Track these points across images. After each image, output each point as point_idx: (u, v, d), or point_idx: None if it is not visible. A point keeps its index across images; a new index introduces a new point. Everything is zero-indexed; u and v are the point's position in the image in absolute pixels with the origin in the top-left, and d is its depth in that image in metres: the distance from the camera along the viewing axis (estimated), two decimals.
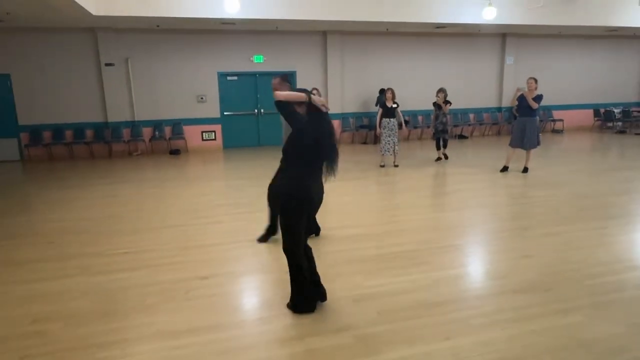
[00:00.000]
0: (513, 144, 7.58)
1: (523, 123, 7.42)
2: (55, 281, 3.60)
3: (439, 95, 8.72)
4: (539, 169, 7.84)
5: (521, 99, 7.35)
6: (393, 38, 12.21)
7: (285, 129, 3.62)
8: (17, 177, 8.65)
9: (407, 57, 12.46)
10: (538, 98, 7.23)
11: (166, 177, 8.01)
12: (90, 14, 8.18)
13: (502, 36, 13.13)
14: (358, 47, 12.04)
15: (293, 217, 2.76)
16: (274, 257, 4.03)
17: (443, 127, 8.85)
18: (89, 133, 10.61)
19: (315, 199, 2.83)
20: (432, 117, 9.10)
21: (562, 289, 3.30)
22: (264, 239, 4.32)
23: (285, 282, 3.38)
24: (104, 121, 10.66)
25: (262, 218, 4.95)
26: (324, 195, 2.99)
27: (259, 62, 11.38)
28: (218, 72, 11.19)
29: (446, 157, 9.05)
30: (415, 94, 12.30)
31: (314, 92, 7.73)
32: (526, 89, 7.34)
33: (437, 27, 11.50)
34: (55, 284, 3.54)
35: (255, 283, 3.54)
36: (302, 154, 2.74)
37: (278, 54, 11.44)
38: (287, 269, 3.01)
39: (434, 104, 8.77)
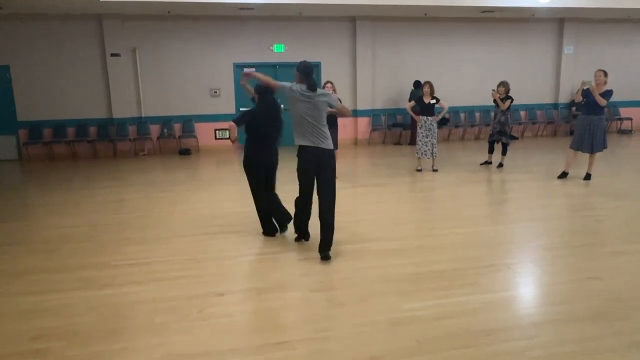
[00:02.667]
0: (574, 146, 7.41)
1: (588, 122, 7.23)
2: (57, 294, 3.70)
3: (499, 89, 8.47)
4: (604, 176, 7.69)
5: (587, 94, 7.15)
6: (432, 24, 12.19)
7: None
8: (14, 178, 8.96)
9: (448, 47, 12.41)
10: (607, 94, 7.00)
11: (176, 180, 8.15)
12: None
13: (560, 21, 12.93)
14: (391, 35, 12.07)
15: (251, 175, 4.80)
16: (299, 272, 4.06)
17: (500, 128, 8.53)
18: (92, 130, 10.93)
19: (265, 161, 4.82)
20: (492, 115, 8.97)
21: (637, 318, 3.18)
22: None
23: (310, 302, 3.47)
24: (108, 117, 10.95)
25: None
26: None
27: (279, 52, 11.50)
28: (234, 64, 11.34)
29: (500, 165, 8.62)
30: (456, 89, 12.24)
31: (328, 85, 7.75)
32: (593, 83, 7.10)
33: (484, 12, 11.40)
34: (57, 298, 3.64)
35: (277, 302, 3.56)
36: (255, 131, 4.67)
37: (301, 43, 11.56)
38: (312, 286, 3.78)
39: (494, 100, 8.48)
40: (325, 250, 4.22)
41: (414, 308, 3.40)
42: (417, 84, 11.40)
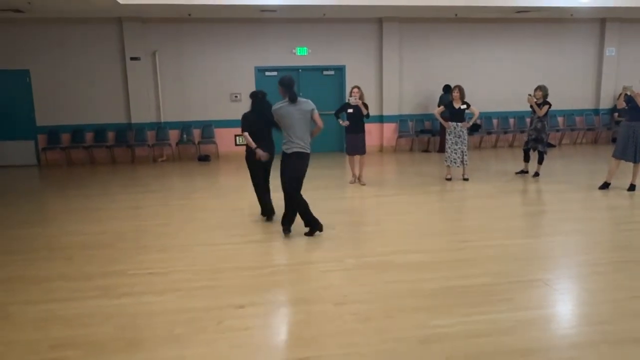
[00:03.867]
0: (617, 155, 7.29)
1: (632, 129, 7.10)
2: (75, 302, 3.79)
3: (536, 93, 8.36)
4: None
5: (629, 99, 7.05)
6: (463, 26, 12.15)
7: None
8: (33, 184, 9.22)
9: (479, 49, 12.35)
10: None
11: (195, 187, 8.28)
12: (116, 1, 8.69)
13: (601, 22, 12.74)
14: (420, 36, 12.08)
15: (250, 169, 5.93)
16: (321, 285, 4.07)
17: (537, 136, 8.40)
18: (110, 135, 11.19)
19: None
20: (528, 121, 8.90)
21: None
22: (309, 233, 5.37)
23: (334, 316, 3.48)
24: (127, 122, 11.21)
25: (304, 237, 5.25)
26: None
27: (302, 55, 11.61)
28: (255, 67, 11.49)
29: (536, 175, 8.51)
30: (488, 94, 12.18)
31: (354, 90, 7.91)
32: (633, 88, 7.05)
33: (518, 12, 11.31)
34: (75, 306, 3.72)
35: (300, 315, 3.59)
36: (251, 133, 5.66)
37: (324, 46, 11.66)
38: (337, 299, 3.84)
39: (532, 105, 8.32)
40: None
41: (444, 325, 3.37)
42: (447, 89, 11.31)
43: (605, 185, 7.46)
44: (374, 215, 6.48)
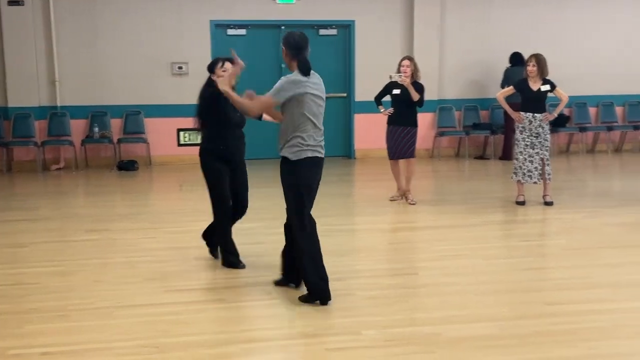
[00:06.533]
0: None
1: None
2: None
3: None
4: None
5: None
6: None
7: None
8: None
9: (567, 1, 11.35)
10: None
11: (113, 213, 7.49)
12: None
13: None
14: None
15: (209, 172, 5.06)
16: None
17: None
18: None
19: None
20: None
21: None
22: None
23: None
24: (1, 106, 10.23)
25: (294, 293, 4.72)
26: None
27: (286, 2, 10.40)
28: (212, 22, 10.22)
29: None
30: (582, 68, 10.82)
31: (405, 64, 6.97)
32: None
33: None
34: None
35: None
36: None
37: None
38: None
39: None
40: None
41: None
42: (517, 59, 10.10)
43: None
44: (403, 259, 5.79)
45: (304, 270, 4.47)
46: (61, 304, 4.57)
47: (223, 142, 5.00)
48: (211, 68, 4.96)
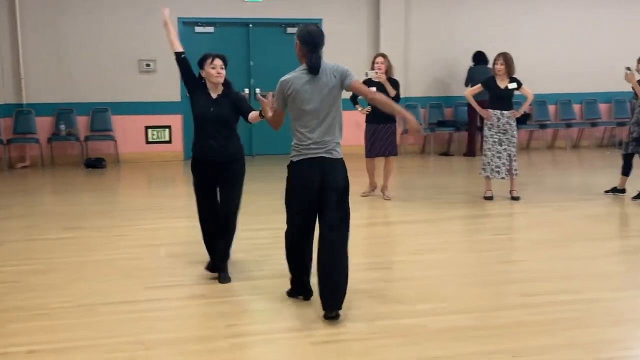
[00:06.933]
0: None
1: None
2: None
3: (639, 66, 7.54)
4: None
5: None
6: None
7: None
8: None
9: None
10: None
11: (85, 211, 7.43)
12: None
13: None
14: None
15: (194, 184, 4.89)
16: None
17: (639, 134, 7.71)
18: None
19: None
20: (628, 107, 8.79)
21: None
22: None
23: None
24: None
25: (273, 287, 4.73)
26: None
27: (254, 1, 10.45)
28: (180, 20, 10.19)
29: None
30: (540, 65, 10.96)
31: (378, 61, 6.98)
32: None
33: None
34: None
35: None
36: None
37: None
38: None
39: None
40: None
41: None
42: (480, 58, 10.36)
43: None
44: (378, 254, 5.87)
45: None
46: (43, 301, 4.50)
47: (198, 142, 4.66)
48: (201, 64, 4.62)
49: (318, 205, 3.99)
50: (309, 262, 4.27)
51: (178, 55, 4.60)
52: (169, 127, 10.33)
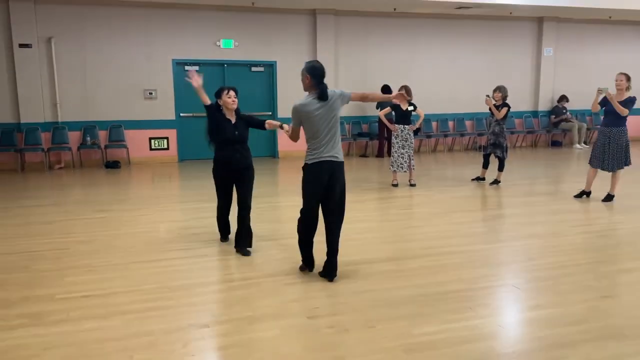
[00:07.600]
0: (594, 164, 7.51)
1: (607, 135, 7.31)
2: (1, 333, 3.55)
3: (494, 95, 8.67)
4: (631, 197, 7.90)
5: (604, 102, 7.22)
6: (402, 21, 12.82)
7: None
8: None
9: (419, 47, 13.08)
10: (629, 102, 7.10)
11: (112, 199, 8.18)
12: None
13: (539, 21, 13.97)
14: (357, 31, 12.58)
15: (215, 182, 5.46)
16: (288, 298, 4.22)
17: (495, 140, 8.75)
18: None
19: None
20: (486, 123, 9.41)
21: None
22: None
23: (310, 329, 3.67)
24: (15, 122, 10.69)
25: (259, 251, 5.26)
26: None
27: (227, 48, 11.68)
28: (173, 60, 11.41)
29: (496, 182, 8.94)
30: (428, 94, 12.78)
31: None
32: (608, 90, 7.16)
33: (459, 8, 12.14)
34: (2, 338, 3.54)
35: (273, 331, 3.66)
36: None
37: (253, 39, 11.82)
38: (309, 312, 4.04)
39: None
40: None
41: (427, 333, 3.61)
42: (386, 89, 11.80)
43: (583, 194, 7.79)
44: (321, 223, 6.63)
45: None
46: (88, 262, 5.04)
47: (226, 155, 5.23)
48: (218, 94, 5.26)
49: (324, 196, 4.44)
50: (313, 237, 4.62)
51: (206, 106, 5.28)
52: (166, 138, 11.51)
